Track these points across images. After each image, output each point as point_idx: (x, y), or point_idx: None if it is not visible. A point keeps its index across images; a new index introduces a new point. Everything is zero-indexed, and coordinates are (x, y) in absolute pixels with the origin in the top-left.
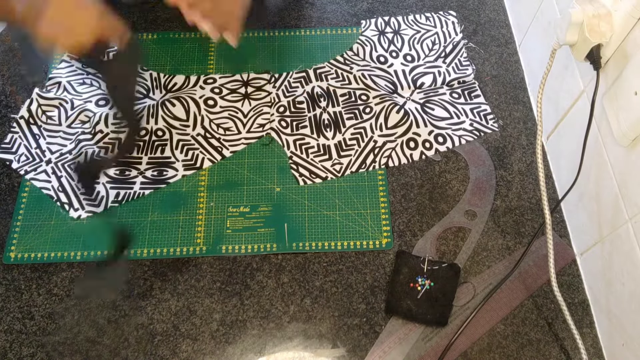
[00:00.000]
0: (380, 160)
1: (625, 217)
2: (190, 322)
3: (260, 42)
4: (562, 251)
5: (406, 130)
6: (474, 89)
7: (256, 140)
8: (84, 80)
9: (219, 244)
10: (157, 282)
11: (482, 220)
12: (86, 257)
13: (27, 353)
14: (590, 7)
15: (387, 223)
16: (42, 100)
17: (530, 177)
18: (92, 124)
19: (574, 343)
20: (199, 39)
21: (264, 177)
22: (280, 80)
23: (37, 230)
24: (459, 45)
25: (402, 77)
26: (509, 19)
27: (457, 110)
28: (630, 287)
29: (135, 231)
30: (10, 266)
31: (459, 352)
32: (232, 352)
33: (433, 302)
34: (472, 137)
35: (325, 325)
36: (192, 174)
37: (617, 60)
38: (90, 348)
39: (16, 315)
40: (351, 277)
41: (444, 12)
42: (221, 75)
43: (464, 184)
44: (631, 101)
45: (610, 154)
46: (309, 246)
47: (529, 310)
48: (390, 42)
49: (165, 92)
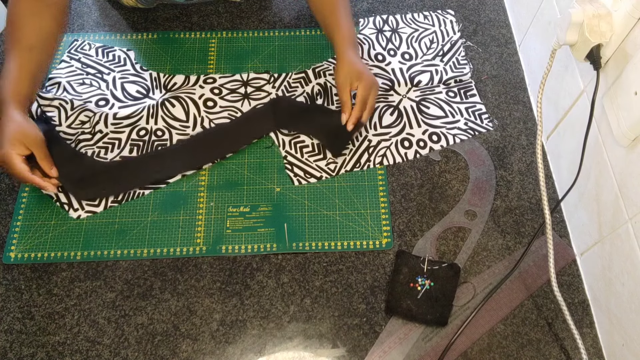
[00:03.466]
0: (375, 159)
1: (625, 217)
2: (190, 322)
3: (260, 42)
4: (562, 251)
5: (400, 130)
6: (470, 88)
7: (256, 141)
8: (84, 80)
9: (219, 244)
10: (157, 282)
11: (482, 220)
12: (86, 257)
13: (27, 353)
14: (590, 7)
15: (387, 223)
16: (42, 100)
17: (530, 177)
18: (92, 124)
19: (574, 343)
20: (199, 39)
21: (264, 177)
22: (279, 80)
23: (37, 230)
24: (456, 44)
25: (399, 74)
26: (509, 19)
27: (452, 109)
28: (630, 287)
29: (136, 231)
30: (10, 266)
31: (459, 352)
32: (232, 352)
33: (433, 302)
34: (466, 136)
35: (325, 325)
36: (191, 174)
37: (617, 60)
38: (90, 348)
39: (16, 315)
40: (351, 277)
41: (442, 11)
42: (221, 75)
43: (464, 184)
44: (631, 101)
45: (610, 154)
46: (309, 246)
47: (529, 310)
48: (388, 40)
49: (164, 92)
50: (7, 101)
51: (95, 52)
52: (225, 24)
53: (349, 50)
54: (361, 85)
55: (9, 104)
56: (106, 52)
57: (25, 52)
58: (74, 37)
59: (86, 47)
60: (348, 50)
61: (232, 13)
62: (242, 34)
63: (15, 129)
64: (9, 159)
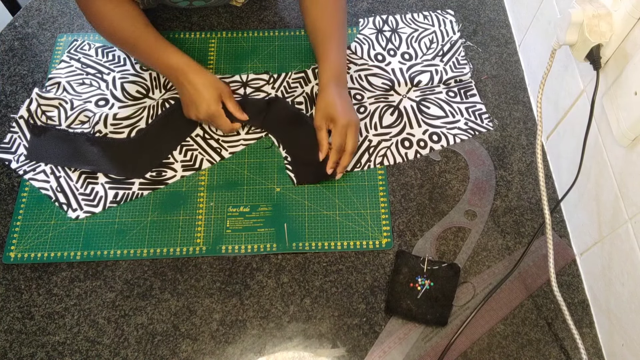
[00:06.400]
0: (376, 159)
1: (625, 217)
2: (190, 322)
3: (260, 42)
4: (562, 251)
5: (400, 130)
6: (470, 88)
7: (255, 142)
8: (84, 80)
9: (218, 244)
10: (157, 282)
11: (482, 220)
12: (86, 257)
13: (27, 353)
14: (590, 7)
15: (387, 223)
16: (42, 100)
17: (530, 177)
18: (92, 124)
19: (574, 343)
20: (198, 39)
21: (264, 177)
22: (279, 81)
23: (37, 230)
24: (456, 44)
25: (399, 74)
26: (509, 19)
27: (453, 109)
28: (630, 287)
29: (135, 231)
30: (10, 266)
31: (458, 352)
32: (232, 352)
33: (433, 302)
34: (466, 135)
35: (325, 325)
36: (191, 174)
37: (617, 60)
38: (90, 348)
39: (16, 315)
40: (351, 277)
41: (441, 11)
42: (221, 76)
43: (464, 184)
44: (631, 101)
45: (610, 154)
46: (309, 246)
47: (529, 310)
48: (388, 40)
49: (164, 92)
50: (184, 69)
51: (95, 52)
52: (225, 24)
53: (331, 86)
54: (335, 129)
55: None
56: (106, 52)
57: (150, 28)
58: (73, 37)
59: (86, 47)
60: (329, 86)
61: (232, 13)
62: (242, 34)
63: (212, 88)
64: (220, 115)
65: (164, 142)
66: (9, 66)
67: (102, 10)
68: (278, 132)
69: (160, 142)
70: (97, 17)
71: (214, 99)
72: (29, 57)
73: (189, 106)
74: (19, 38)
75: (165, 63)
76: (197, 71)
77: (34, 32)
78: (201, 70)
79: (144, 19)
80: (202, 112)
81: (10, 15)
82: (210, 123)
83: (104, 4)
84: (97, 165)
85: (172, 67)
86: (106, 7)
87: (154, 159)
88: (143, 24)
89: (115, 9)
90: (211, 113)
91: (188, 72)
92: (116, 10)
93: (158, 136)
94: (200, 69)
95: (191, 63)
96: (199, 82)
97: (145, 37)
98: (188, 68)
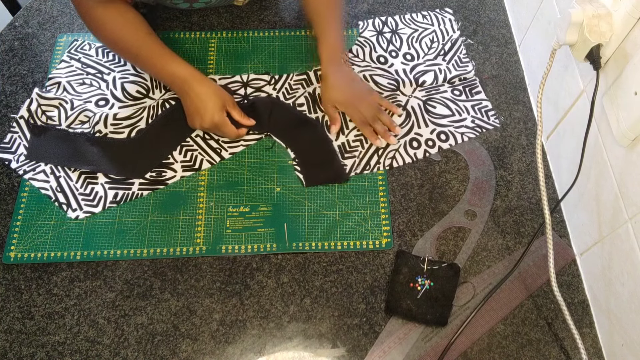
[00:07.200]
0: (385, 161)
1: (625, 217)
2: (190, 322)
3: (260, 42)
4: (562, 251)
5: (408, 130)
6: (475, 85)
7: (255, 142)
8: (84, 80)
9: (218, 244)
10: (157, 282)
11: (482, 220)
12: (86, 257)
13: (27, 353)
14: (590, 7)
15: (387, 223)
16: (42, 100)
17: (530, 177)
18: (92, 124)
19: (574, 343)
20: (198, 39)
21: (264, 177)
22: (280, 82)
23: (37, 230)
24: (457, 42)
25: (403, 75)
26: (509, 19)
27: (459, 108)
28: (630, 287)
29: (135, 231)
30: (10, 266)
31: (458, 352)
32: (232, 352)
33: (433, 302)
34: (474, 133)
35: (325, 325)
36: (191, 174)
37: (617, 60)
38: (90, 348)
39: (16, 315)
40: (351, 277)
41: (440, 10)
42: (221, 76)
43: (464, 184)
44: (631, 101)
45: (610, 154)
46: (309, 246)
47: (529, 310)
48: (389, 42)
49: (164, 92)
50: (188, 79)
51: (95, 52)
52: (225, 24)
53: (331, 69)
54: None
55: (191, 81)
56: (106, 52)
57: (153, 37)
58: (74, 37)
59: (86, 47)
60: (330, 69)
61: (232, 13)
62: (242, 34)
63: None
64: (225, 123)
65: (164, 143)
66: (9, 66)
67: (102, 17)
68: (284, 135)
69: (160, 142)
70: (97, 24)
71: (218, 108)
72: (29, 57)
73: (194, 116)
74: (19, 38)
75: (168, 73)
76: (200, 81)
77: (34, 32)
78: (205, 80)
79: (146, 26)
80: (207, 122)
81: (10, 15)
82: (215, 132)
83: (105, 11)
84: (97, 165)
85: (176, 77)
86: (107, 15)
87: (154, 159)
88: (145, 32)
89: (116, 16)
90: (216, 122)
91: (192, 82)
92: (118, 17)
93: (158, 136)
94: (204, 78)
95: (195, 73)
96: (203, 91)
97: (148, 46)
98: (192, 78)
